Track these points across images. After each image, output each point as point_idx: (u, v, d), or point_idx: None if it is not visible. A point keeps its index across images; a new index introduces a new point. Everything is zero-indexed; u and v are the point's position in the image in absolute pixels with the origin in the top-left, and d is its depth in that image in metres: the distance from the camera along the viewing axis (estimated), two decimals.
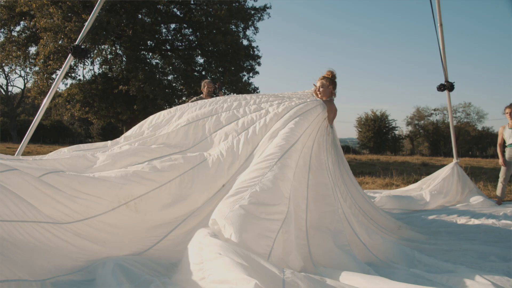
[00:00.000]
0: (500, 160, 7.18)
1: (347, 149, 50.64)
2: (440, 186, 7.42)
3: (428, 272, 2.89)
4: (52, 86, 5.69)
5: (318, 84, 5.04)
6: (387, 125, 49.42)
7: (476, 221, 5.42)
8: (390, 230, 4.54)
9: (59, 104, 21.40)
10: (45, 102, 5.80)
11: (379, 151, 46.50)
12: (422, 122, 51.26)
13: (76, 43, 5.43)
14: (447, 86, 7.54)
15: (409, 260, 3.37)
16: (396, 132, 50.99)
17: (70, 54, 5.40)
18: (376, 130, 48.61)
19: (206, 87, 7.80)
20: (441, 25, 7.17)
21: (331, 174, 4.02)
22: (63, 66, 5.52)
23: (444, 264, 3.14)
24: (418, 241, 4.13)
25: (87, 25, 5.39)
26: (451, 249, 3.67)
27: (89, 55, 5.40)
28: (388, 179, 11.93)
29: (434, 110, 50.16)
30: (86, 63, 19.28)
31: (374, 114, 49.84)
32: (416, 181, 9.68)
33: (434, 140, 47.93)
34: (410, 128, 53.00)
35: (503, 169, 7.09)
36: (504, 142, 7.22)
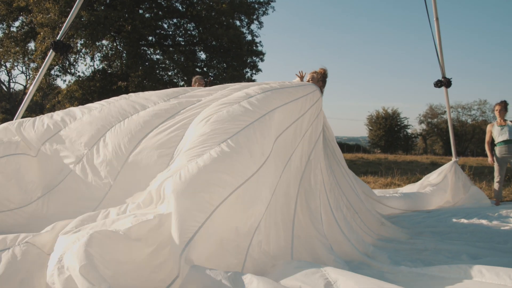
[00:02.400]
0: (489, 159, 7.17)
1: (357, 148, 50.45)
2: (437, 186, 7.41)
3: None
4: (36, 79, 5.79)
5: (308, 77, 5.14)
6: (399, 123, 49.12)
7: (466, 221, 5.42)
8: (372, 227, 4.57)
9: (61, 102, 21.55)
10: (32, 90, 5.92)
11: (391, 150, 46.24)
12: (436, 120, 50.85)
13: (57, 38, 5.52)
14: (444, 82, 7.53)
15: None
16: (409, 131, 50.64)
17: (51, 50, 5.50)
18: (388, 129, 48.32)
19: (197, 83, 7.83)
20: (437, 19, 7.15)
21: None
22: (45, 61, 5.63)
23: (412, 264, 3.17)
24: (397, 241, 4.16)
25: (69, 19, 5.48)
26: (425, 248, 3.69)
27: (70, 51, 5.46)
28: (390, 178, 11.92)
29: None
30: (83, 59, 19.50)
31: (385, 112, 49.56)
32: (419, 180, 9.63)
33: (448, 139, 47.40)
34: (423, 126, 52.60)
35: (496, 168, 7.06)
36: (493, 140, 7.21)
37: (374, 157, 26.61)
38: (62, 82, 21.09)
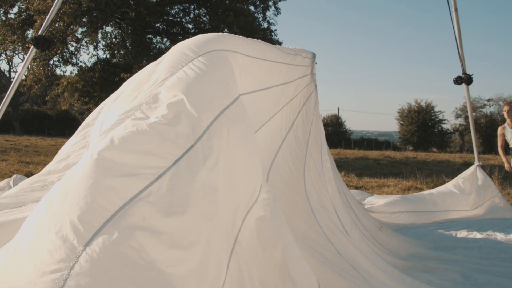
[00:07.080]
0: (506, 165, 7.09)
1: (386, 144, 49.99)
2: (455, 193, 7.36)
3: None
4: (16, 75, 5.98)
5: None
6: (433, 117, 48.47)
7: (478, 235, 5.39)
8: (370, 230, 4.60)
9: (64, 93, 21.90)
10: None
11: (424, 147, 45.71)
12: (474, 114, 50.01)
13: (39, 33, 5.68)
14: (464, 79, 7.43)
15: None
16: (444, 126, 49.87)
17: (32, 46, 5.66)
18: (420, 123, 47.72)
19: None
20: (456, 10, 7.07)
21: None
22: (26, 57, 5.80)
23: None
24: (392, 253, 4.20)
25: (51, 13, 5.62)
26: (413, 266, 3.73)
27: (53, 46, 5.63)
28: (412, 181, 11.76)
29: (488, 100, 48.81)
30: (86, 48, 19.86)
31: (418, 105, 48.97)
32: (444, 183, 9.47)
33: (487, 135, 46.52)
34: (460, 121, 51.75)
35: None
36: (506, 144, 7.12)
37: (402, 156, 26.36)
38: (62, 73, 21.32)
